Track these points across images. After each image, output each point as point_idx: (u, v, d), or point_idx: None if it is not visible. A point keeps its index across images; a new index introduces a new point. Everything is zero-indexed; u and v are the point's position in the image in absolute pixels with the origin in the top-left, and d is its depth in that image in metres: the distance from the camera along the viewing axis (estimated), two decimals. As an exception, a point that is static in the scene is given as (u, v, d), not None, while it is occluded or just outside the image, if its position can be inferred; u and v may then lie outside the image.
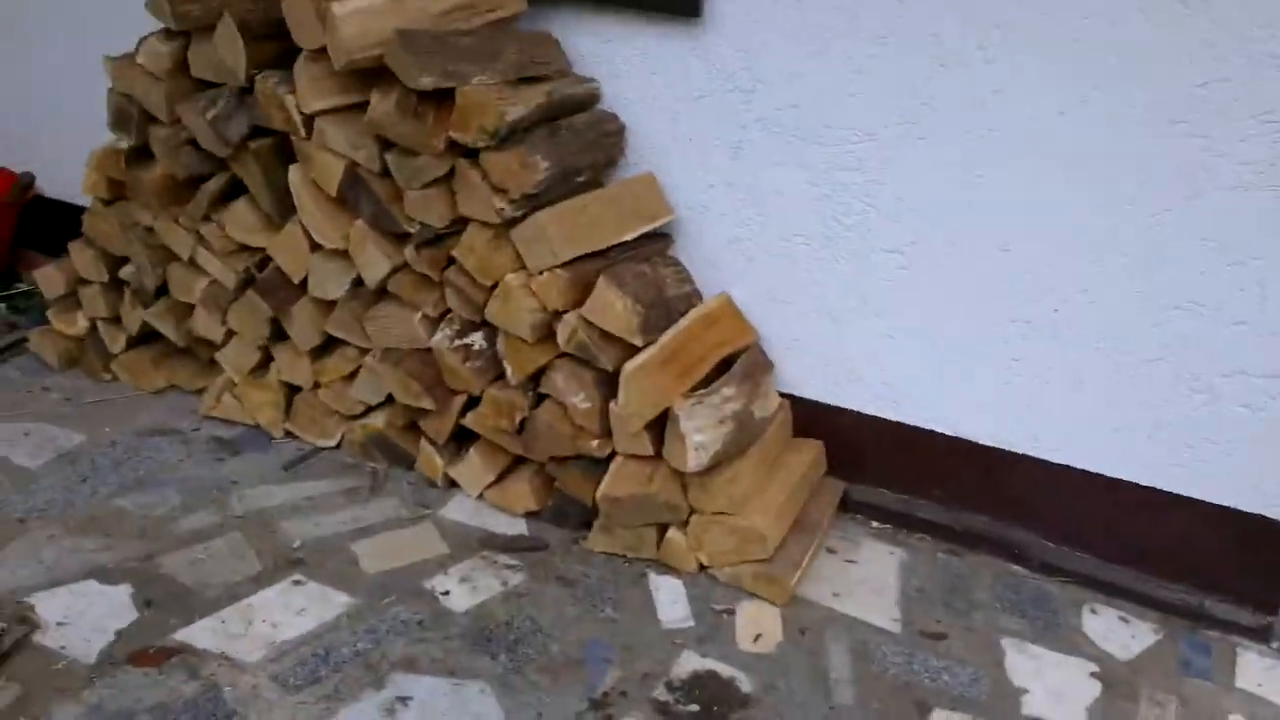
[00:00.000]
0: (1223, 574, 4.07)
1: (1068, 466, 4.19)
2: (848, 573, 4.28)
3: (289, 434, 4.95)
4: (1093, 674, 3.88)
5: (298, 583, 3.96)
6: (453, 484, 4.62)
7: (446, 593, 3.97)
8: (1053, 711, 3.66)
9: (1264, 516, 3.94)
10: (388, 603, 3.89)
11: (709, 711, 3.51)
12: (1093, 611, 4.20)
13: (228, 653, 3.57)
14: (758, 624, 3.95)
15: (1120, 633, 4.09)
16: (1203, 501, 4.01)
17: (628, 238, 4.29)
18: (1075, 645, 4.02)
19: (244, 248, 4.80)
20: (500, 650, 3.69)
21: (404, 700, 3.42)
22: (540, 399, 4.30)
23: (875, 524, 4.60)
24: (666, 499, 4.06)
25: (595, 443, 4.16)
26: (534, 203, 4.11)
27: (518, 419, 4.27)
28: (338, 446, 4.87)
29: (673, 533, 4.16)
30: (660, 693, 3.57)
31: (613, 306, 4.03)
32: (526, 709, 3.43)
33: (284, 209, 4.61)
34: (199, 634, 3.64)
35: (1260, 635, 4.07)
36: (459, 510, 4.50)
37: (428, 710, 3.39)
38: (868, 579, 4.26)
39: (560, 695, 3.51)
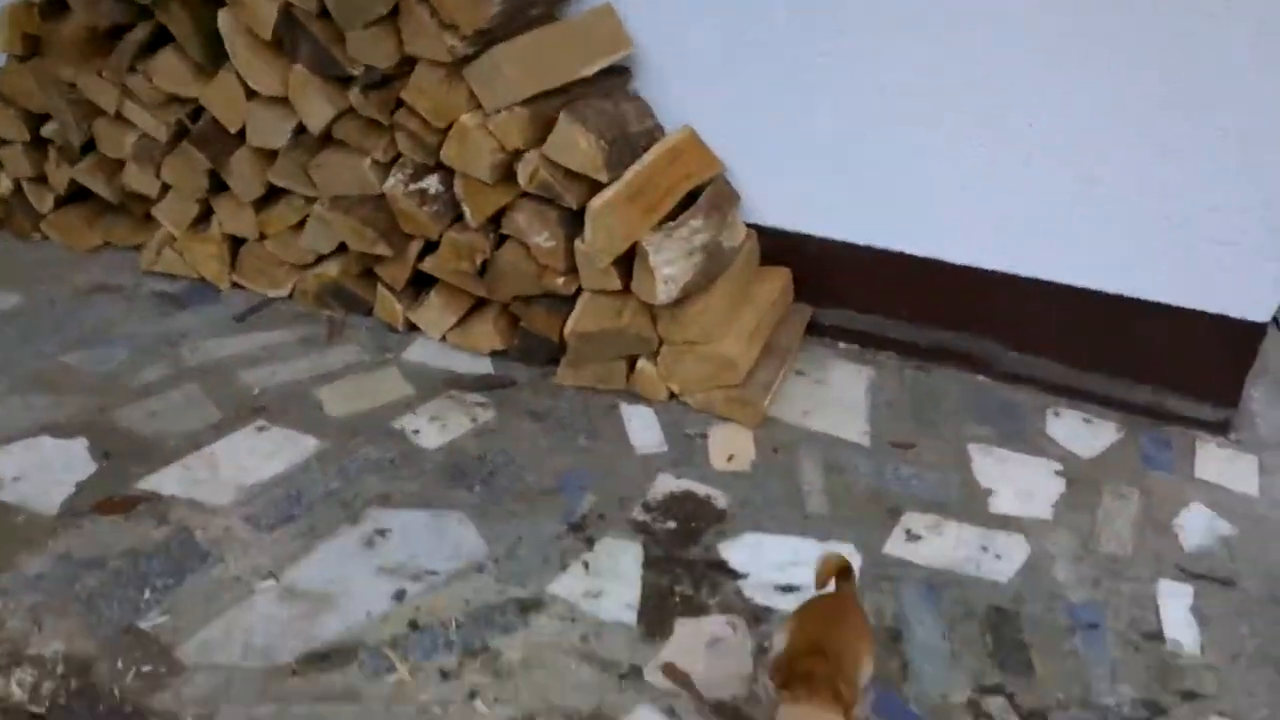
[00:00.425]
0: (1184, 373, 4.13)
1: (1035, 279, 4.19)
2: (817, 393, 4.29)
3: (237, 286, 4.79)
4: (1057, 472, 3.96)
5: (261, 429, 3.88)
6: (413, 328, 4.52)
7: (416, 432, 3.92)
8: (1019, 508, 3.74)
9: (1225, 316, 3.99)
10: (357, 443, 3.83)
11: (686, 528, 3.54)
12: (1056, 415, 4.27)
13: (195, 498, 3.51)
14: (731, 445, 3.96)
15: (1084, 433, 4.17)
16: (1166, 305, 4.04)
17: (587, 73, 4.10)
18: (1040, 447, 4.10)
19: (174, 99, 4.54)
20: (475, 482, 3.67)
21: (382, 532, 3.40)
22: (501, 240, 4.18)
23: (843, 345, 4.60)
24: (637, 332, 4.01)
25: (561, 280, 4.07)
26: (487, 39, 3.90)
27: (479, 261, 4.15)
28: (290, 297, 4.73)
29: (643, 363, 4.12)
30: (638, 513, 3.58)
31: (576, 144, 3.88)
32: (506, 536, 3.43)
33: (215, 56, 4.34)
34: (164, 481, 3.57)
35: (1219, 428, 4.18)
36: (422, 353, 4.41)
37: (407, 540, 3.37)
38: (837, 398, 4.27)
39: (538, 521, 3.51)
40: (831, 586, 2.88)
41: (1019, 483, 3.87)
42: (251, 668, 2.87)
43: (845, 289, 4.52)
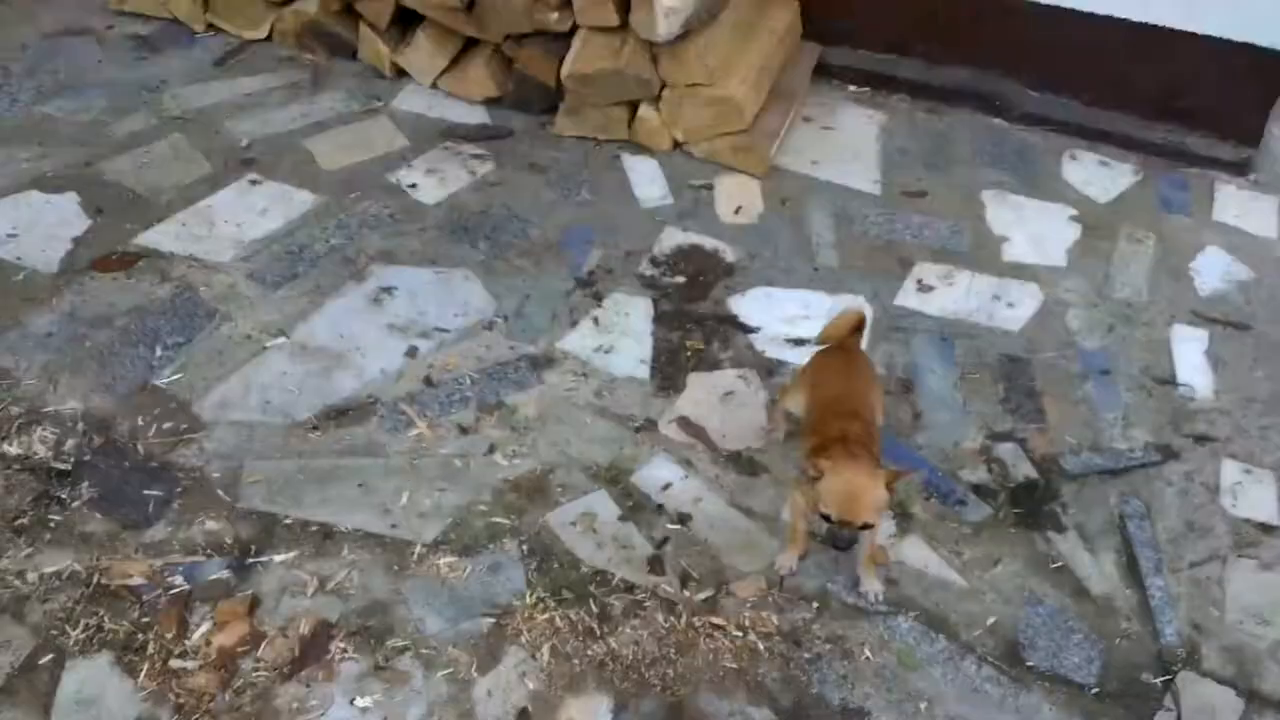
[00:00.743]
0: (1206, 109, 3.99)
1: (1055, 6, 3.94)
2: (826, 140, 4.14)
3: (212, 27, 4.49)
4: (1072, 218, 3.89)
5: (254, 182, 3.74)
6: (402, 73, 4.27)
7: (414, 185, 3.78)
8: (1033, 256, 3.70)
9: (1252, 45, 3.79)
10: (354, 198, 3.70)
11: (695, 282, 3.49)
12: (1073, 158, 4.15)
13: (196, 254, 3.42)
14: (737, 197, 3.85)
15: (1100, 176, 4.06)
16: (1192, 34, 3.83)
17: None
18: (1055, 192, 4.00)
19: None
20: (479, 238, 3.58)
21: (388, 290, 3.35)
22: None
23: (853, 88, 4.39)
24: (637, 73, 3.79)
25: (554, 15, 3.80)
26: None
27: (467, -8, 3.86)
28: (269, 39, 4.44)
29: (644, 110, 3.93)
30: (645, 267, 3.52)
31: None
32: (513, 292, 3.38)
33: None
34: (160, 238, 3.47)
35: (1239, 169, 4.07)
36: (413, 101, 4.20)
37: (414, 298, 3.32)
38: (847, 144, 4.12)
39: (545, 277, 3.45)
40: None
41: (1033, 229, 3.81)
42: (271, 423, 2.89)
43: (858, 24, 4.26)
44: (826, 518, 2.34)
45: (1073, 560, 2.76)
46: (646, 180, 3.88)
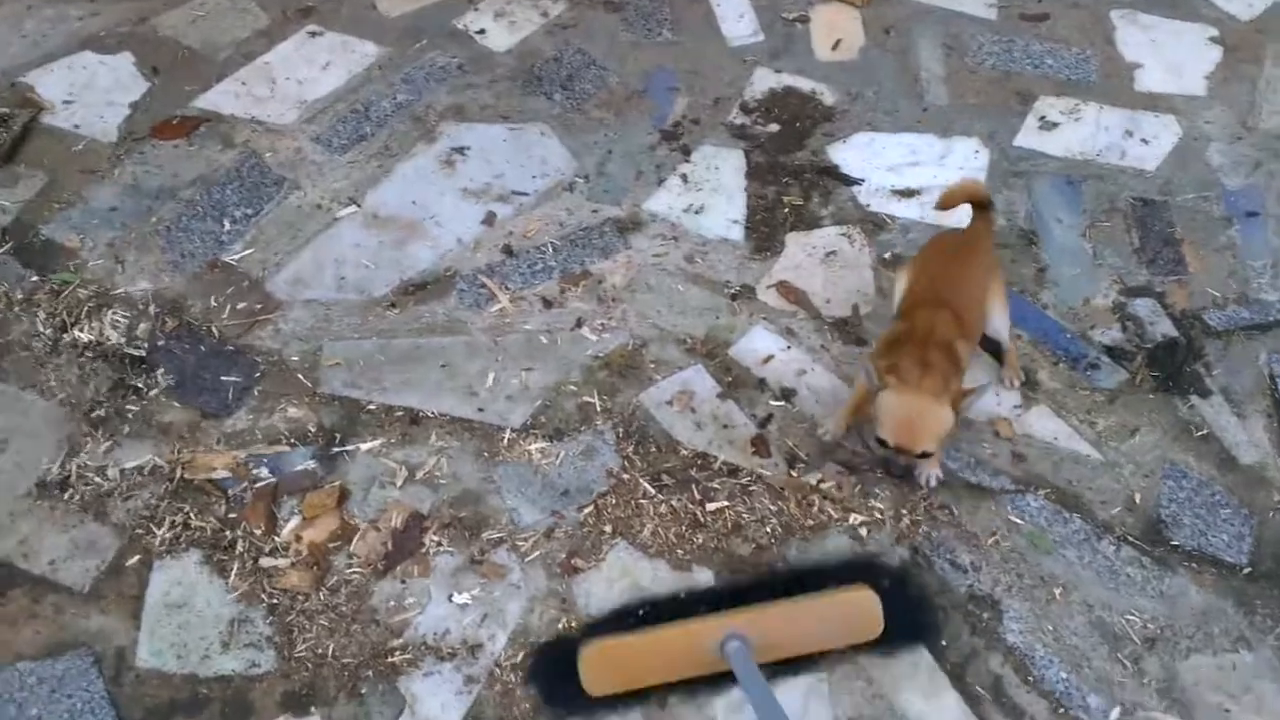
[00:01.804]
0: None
1: None
2: (932, -45, 3.64)
3: None
4: (1212, 39, 3.40)
5: (314, 34, 3.42)
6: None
7: (482, 31, 3.43)
8: (1169, 84, 3.25)
9: None
10: (419, 48, 3.37)
11: (791, 129, 3.13)
12: (1215, -29, 3.61)
13: (258, 117, 3.15)
14: (836, 29, 3.43)
15: (1244, -10, 3.53)
16: None
17: None
18: (1193, 10, 3.50)
19: None
20: (554, 89, 3.24)
21: (461, 150, 3.06)
22: None
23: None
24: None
25: None
26: None
27: None
28: None
29: (732, -70, 3.47)
30: (736, 116, 3.17)
31: None
32: (594, 148, 3.07)
33: None
34: (221, 99, 3.20)
35: None
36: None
37: (489, 158, 3.03)
38: (958, -37, 3.63)
39: (627, 129, 3.12)
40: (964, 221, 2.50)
41: (1169, 54, 3.33)
42: (348, 301, 2.68)
43: None
44: (882, 441, 2.10)
45: (1218, 427, 2.46)
46: (734, 15, 3.47)
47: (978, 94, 3.20)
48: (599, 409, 2.47)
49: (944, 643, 2.10)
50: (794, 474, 2.35)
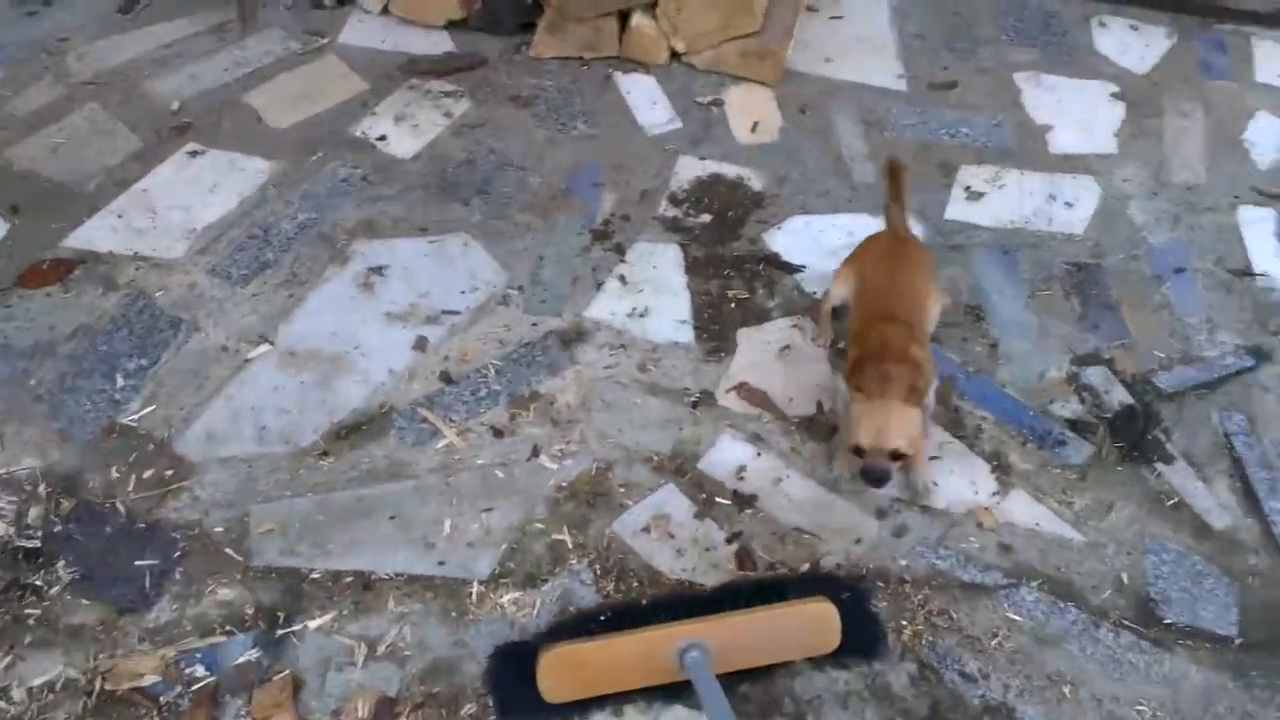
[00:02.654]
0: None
1: None
2: (837, 31, 3.64)
3: (111, -32, 3.81)
4: (1114, 95, 3.48)
5: (195, 154, 3.16)
6: (344, 0, 3.66)
7: (383, 138, 3.23)
8: (1081, 144, 3.30)
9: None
10: (316, 160, 3.15)
11: (724, 218, 3.04)
12: (1102, 25, 3.72)
13: (142, 252, 2.87)
14: (751, 111, 3.36)
15: (1134, 43, 3.64)
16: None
17: None
18: (1091, 67, 3.58)
19: None
20: (471, 195, 3.06)
21: (378, 270, 2.84)
22: None
23: (855, -32, 3.87)
24: (627, -24, 3.25)
25: (520, -84, 3.22)
26: None
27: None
28: (179, -26, 3.78)
29: (639, 19, 3.39)
30: (665, 208, 3.05)
31: None
32: (524, 255, 2.90)
33: None
34: (96, 236, 2.91)
35: (1275, 21, 3.66)
36: (362, 33, 3.60)
37: (411, 277, 2.83)
38: (861, 35, 3.63)
39: (556, 233, 2.97)
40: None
41: (1076, 113, 3.39)
42: (273, 454, 2.42)
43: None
44: (858, 450, 2.20)
45: (1187, 493, 2.44)
46: (647, 103, 3.37)
47: (901, 168, 3.16)
48: (571, 545, 2.28)
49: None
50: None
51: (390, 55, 3.50)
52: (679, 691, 2.03)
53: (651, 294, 2.80)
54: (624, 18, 3.39)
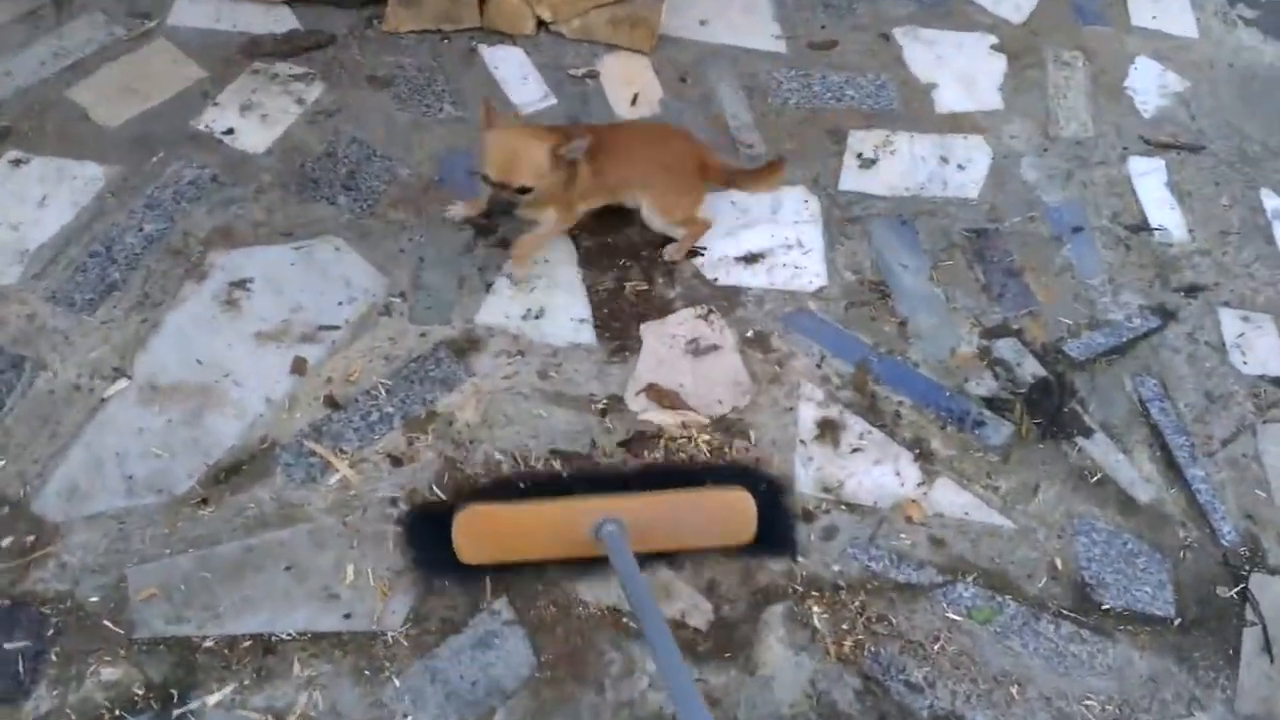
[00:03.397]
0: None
1: None
2: (710, -8, 3.51)
3: (-109, -54, 3.37)
4: (994, 47, 3.47)
5: (18, 163, 2.84)
6: (168, -23, 3.33)
7: (230, 131, 2.97)
8: (967, 101, 3.29)
9: None
10: (157, 162, 2.87)
11: (607, 210, 2.90)
12: (974, -25, 3.70)
13: (-33, 284, 2.57)
14: (630, 82, 3.22)
15: (1006, -2, 3.65)
16: None
17: None
18: (967, 17, 3.57)
19: None
20: (335, 192, 2.85)
21: (242, 284, 2.62)
22: None
23: (724, -79, 3.73)
24: (487, -61, 3.04)
25: None
26: None
27: None
28: (-24, -48, 3.37)
29: (499, -14, 3.19)
30: (549, 193, 2.89)
31: None
32: (402, 258, 2.72)
33: None
34: (-88, 271, 2.59)
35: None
36: (193, 13, 3.29)
37: (279, 289, 2.61)
38: (735, -5, 3.51)
39: (434, 229, 2.79)
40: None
41: (958, 68, 3.38)
42: (145, 506, 2.22)
43: None
44: (486, 179, 2.36)
45: (1109, 467, 2.48)
46: (517, 77, 3.19)
47: (790, 136, 3.10)
48: (486, 582, 2.16)
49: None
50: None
51: (228, 36, 3.21)
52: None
53: (545, 292, 2.67)
54: (484, -13, 3.18)
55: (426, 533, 2.15)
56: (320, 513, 2.24)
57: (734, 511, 2.15)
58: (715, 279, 2.74)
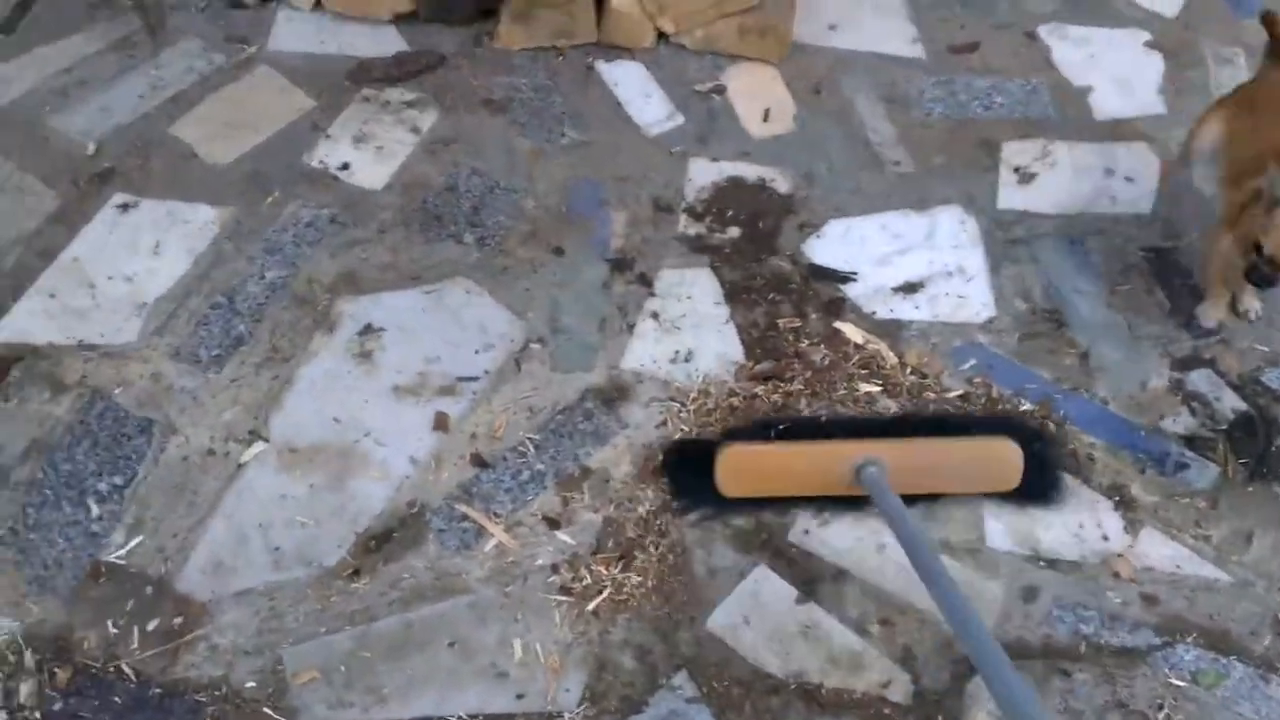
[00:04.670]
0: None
1: None
2: (840, -6, 3.41)
3: (-19, -21, 3.38)
4: (1148, 43, 3.34)
5: (125, 207, 2.82)
6: (267, -2, 3.31)
7: (346, 166, 2.93)
8: (1126, 104, 3.18)
9: None
10: (273, 202, 2.84)
11: (754, 229, 2.84)
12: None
13: (87, 339, 2.55)
14: (760, 97, 3.14)
15: (1159, -19, 3.51)
16: None
17: None
18: (1117, 13, 3.46)
19: None
20: (462, 228, 2.80)
21: (373, 332, 2.57)
22: None
23: (850, -83, 3.62)
24: (610, -54, 2.98)
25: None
26: None
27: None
28: (65, -21, 3.37)
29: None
30: (685, 224, 2.83)
31: None
32: (537, 299, 2.65)
33: None
34: (28, 324, 2.56)
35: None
36: (295, 37, 3.26)
37: (413, 338, 2.56)
38: (867, -3, 3.42)
39: (567, 266, 2.73)
40: None
41: (1112, 68, 3.26)
42: (295, 581, 2.18)
43: None
44: (1259, 248, 2.25)
45: (1326, 509, 2.36)
46: (639, 95, 3.12)
47: (939, 150, 3.01)
48: (664, 654, 2.09)
49: None
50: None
51: (334, 60, 3.17)
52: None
53: (691, 332, 2.60)
54: (599, 1, 3.10)
55: (687, 465, 2.27)
56: (479, 583, 2.18)
57: (999, 460, 2.21)
58: (874, 313, 2.64)
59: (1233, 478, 2.39)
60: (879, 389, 2.46)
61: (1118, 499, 2.34)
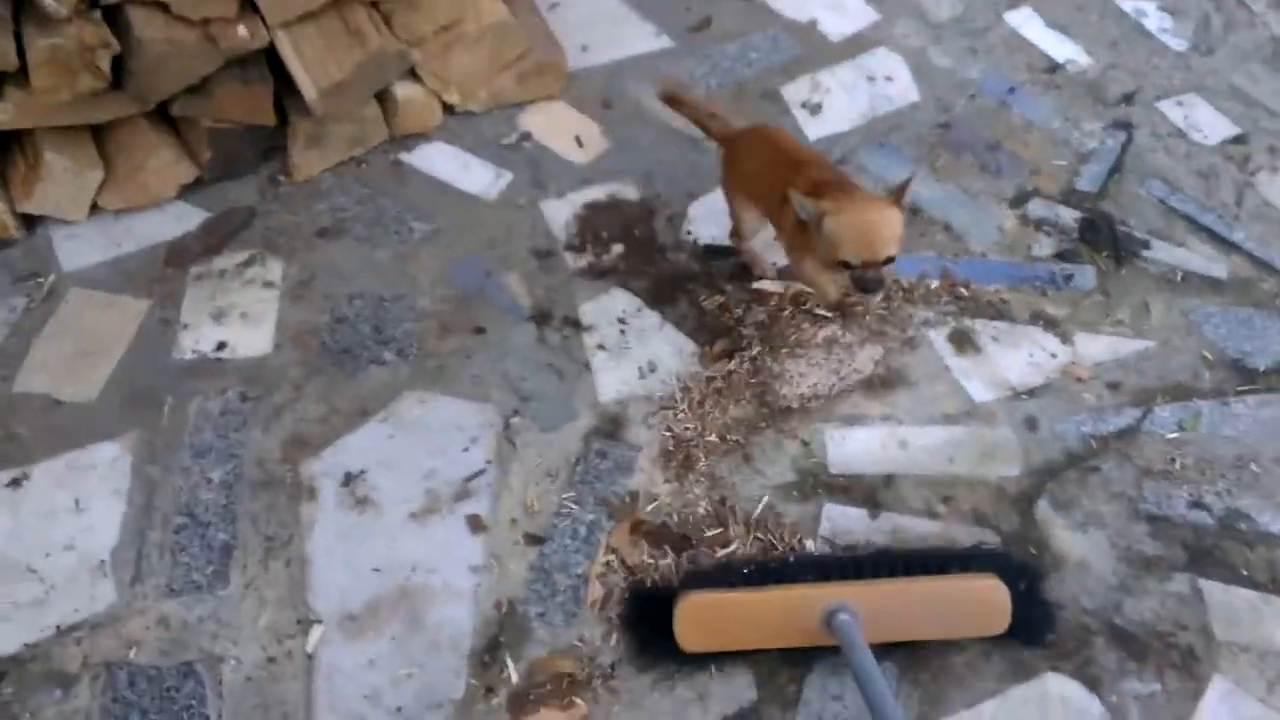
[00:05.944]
0: None
1: None
2: (568, 19, 3.58)
3: None
4: (837, -26, 3.78)
5: (17, 482, 2.56)
6: (32, 222, 3.06)
7: (222, 345, 2.79)
8: (848, 24, 3.60)
9: None
10: (173, 409, 2.67)
11: (634, 238, 3.00)
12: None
13: (65, 622, 2.31)
14: (563, 127, 3.30)
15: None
16: None
17: None
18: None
19: None
20: (376, 351, 2.76)
21: (357, 478, 2.51)
22: (112, 20, 2.76)
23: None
24: (392, 47, 3.00)
25: (241, 29, 2.85)
26: None
27: (106, 61, 2.75)
28: None
29: (402, 90, 3.16)
30: (575, 260, 2.95)
31: None
32: (492, 381, 2.67)
33: None
34: None
35: None
36: (86, 250, 3.02)
37: (397, 465, 2.52)
38: (593, 12, 3.63)
39: (497, 340, 2.77)
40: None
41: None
42: (437, 729, 2.12)
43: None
44: (846, 264, 2.16)
45: (1180, 262, 2.89)
46: (459, 169, 3.19)
47: (735, 114, 3.24)
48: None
49: None
50: None
51: (140, 255, 3.00)
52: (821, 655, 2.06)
53: (640, 347, 2.73)
54: (380, 97, 3.14)
55: (646, 619, 2.13)
56: (603, 640, 2.22)
57: (985, 602, 2.03)
58: (775, 263, 2.88)
59: (1106, 270, 2.84)
60: (830, 316, 2.70)
61: (1042, 323, 2.72)
